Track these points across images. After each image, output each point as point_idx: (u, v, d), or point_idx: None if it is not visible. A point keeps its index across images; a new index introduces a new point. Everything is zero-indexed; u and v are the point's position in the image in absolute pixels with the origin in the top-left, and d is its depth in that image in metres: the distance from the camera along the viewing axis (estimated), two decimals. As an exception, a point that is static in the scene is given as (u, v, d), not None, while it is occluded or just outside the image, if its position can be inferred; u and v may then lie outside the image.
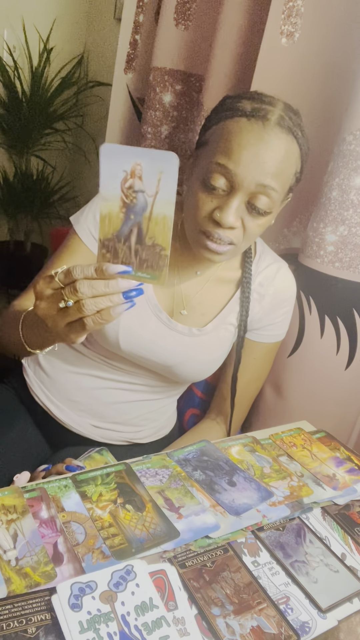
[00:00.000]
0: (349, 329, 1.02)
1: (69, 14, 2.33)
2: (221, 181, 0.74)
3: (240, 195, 0.74)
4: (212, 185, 0.74)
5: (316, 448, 0.87)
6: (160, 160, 0.53)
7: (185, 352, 0.92)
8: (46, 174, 2.47)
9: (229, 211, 0.74)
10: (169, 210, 0.55)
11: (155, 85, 1.29)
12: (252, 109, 0.74)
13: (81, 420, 0.99)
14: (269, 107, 0.74)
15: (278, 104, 0.75)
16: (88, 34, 2.38)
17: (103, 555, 0.59)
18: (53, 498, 0.67)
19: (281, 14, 0.99)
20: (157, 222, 0.55)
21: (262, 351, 0.99)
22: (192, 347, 0.92)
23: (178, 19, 1.23)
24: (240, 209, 0.76)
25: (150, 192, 0.54)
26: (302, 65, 1.01)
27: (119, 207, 0.55)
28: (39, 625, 0.51)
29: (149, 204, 0.54)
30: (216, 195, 0.75)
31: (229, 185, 0.74)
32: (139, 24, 1.38)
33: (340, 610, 0.59)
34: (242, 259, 0.94)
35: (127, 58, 1.42)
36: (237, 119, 0.74)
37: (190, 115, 1.29)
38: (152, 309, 0.91)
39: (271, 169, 0.73)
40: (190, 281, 0.92)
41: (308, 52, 1.00)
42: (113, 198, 0.54)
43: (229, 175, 0.73)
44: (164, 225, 0.55)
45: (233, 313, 0.94)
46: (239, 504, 0.70)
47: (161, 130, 1.33)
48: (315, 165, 1.01)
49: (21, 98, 2.24)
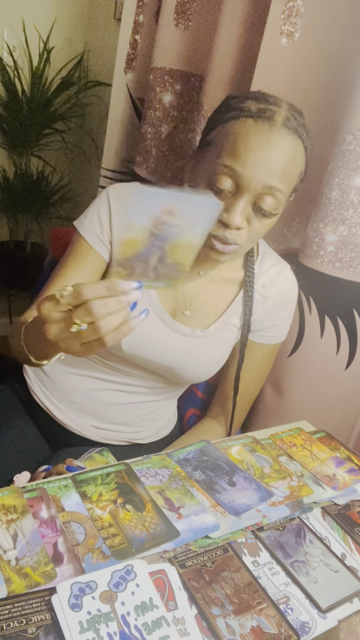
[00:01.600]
0: (349, 329, 1.02)
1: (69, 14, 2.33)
2: (227, 183, 0.74)
3: (247, 196, 0.74)
4: (218, 187, 0.74)
5: (316, 448, 0.87)
6: (201, 206, 0.50)
7: (188, 354, 0.91)
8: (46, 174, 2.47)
9: (235, 212, 0.75)
10: (198, 239, 0.52)
11: (155, 85, 1.29)
12: (258, 109, 0.73)
13: (81, 421, 0.99)
14: (274, 108, 0.73)
15: (283, 104, 0.75)
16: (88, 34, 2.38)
17: (103, 555, 0.59)
18: (53, 498, 0.67)
19: (281, 14, 0.99)
20: (182, 247, 0.53)
21: (263, 352, 0.99)
22: (196, 349, 0.92)
23: (178, 19, 1.23)
24: (246, 209, 0.76)
25: (183, 229, 0.51)
26: (302, 65, 1.01)
27: (144, 236, 0.52)
28: (39, 625, 0.51)
29: (177, 235, 0.52)
30: (222, 197, 0.75)
31: (235, 187, 0.74)
32: (139, 24, 1.38)
33: (340, 610, 0.59)
34: (245, 260, 0.93)
35: (127, 58, 1.42)
36: (243, 119, 0.73)
37: (190, 115, 1.29)
38: (155, 311, 0.90)
39: (278, 170, 0.73)
40: (193, 282, 0.92)
41: (308, 52, 1.00)
42: (140, 229, 0.51)
43: (236, 176, 0.73)
44: (190, 249, 0.54)
45: (236, 314, 0.94)
46: (239, 504, 0.70)
47: (161, 130, 1.33)
48: (316, 165, 1.01)
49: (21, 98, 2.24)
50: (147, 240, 0.52)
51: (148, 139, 1.34)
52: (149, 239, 0.52)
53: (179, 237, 0.52)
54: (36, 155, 2.39)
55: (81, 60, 2.37)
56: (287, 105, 0.75)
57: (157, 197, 0.49)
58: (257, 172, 0.72)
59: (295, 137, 0.74)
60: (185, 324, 0.92)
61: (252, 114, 0.73)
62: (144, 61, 1.40)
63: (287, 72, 1.02)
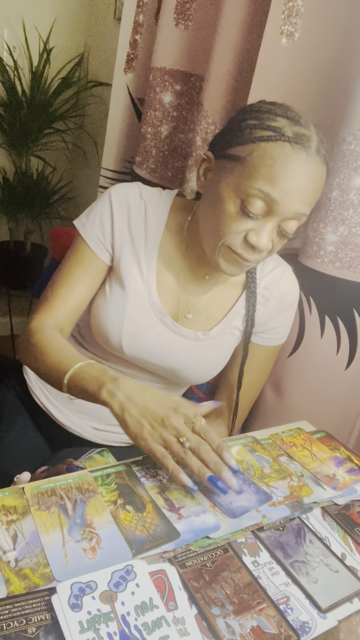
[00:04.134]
0: (349, 329, 1.02)
1: (69, 14, 2.33)
2: (259, 206, 0.73)
3: (276, 220, 0.75)
4: (250, 211, 0.74)
5: (316, 448, 0.87)
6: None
7: (190, 357, 0.91)
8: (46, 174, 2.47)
9: (265, 235, 0.75)
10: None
11: (155, 85, 1.29)
12: (294, 134, 0.72)
13: (81, 422, 0.99)
14: (308, 133, 0.73)
15: (312, 128, 0.74)
16: (88, 34, 2.38)
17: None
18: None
19: (281, 14, 0.99)
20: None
21: (264, 354, 0.99)
22: (198, 352, 0.92)
23: (178, 19, 1.23)
24: (273, 232, 0.76)
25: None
26: (302, 65, 1.01)
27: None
28: (39, 625, 0.51)
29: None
30: (251, 218, 0.75)
31: (267, 210, 0.74)
32: (139, 24, 1.38)
33: (340, 610, 0.59)
34: None
35: (127, 58, 1.42)
36: (281, 144, 0.72)
37: (190, 115, 1.29)
38: (157, 314, 0.90)
39: (309, 198, 0.74)
40: (196, 285, 0.92)
41: (308, 52, 1.00)
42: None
43: (270, 202, 0.73)
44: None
45: (238, 316, 0.94)
46: (237, 506, 0.70)
47: (161, 130, 1.33)
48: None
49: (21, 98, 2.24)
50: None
51: (148, 139, 1.34)
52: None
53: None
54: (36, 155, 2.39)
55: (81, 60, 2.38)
56: (315, 129, 0.75)
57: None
58: (292, 199, 0.72)
59: (324, 163, 0.75)
60: (188, 327, 0.91)
61: (289, 139, 0.72)
62: (144, 61, 1.40)
63: (287, 72, 1.02)
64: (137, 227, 0.88)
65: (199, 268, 0.90)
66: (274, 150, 0.72)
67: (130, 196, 0.88)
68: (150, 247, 0.89)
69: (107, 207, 0.88)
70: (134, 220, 0.88)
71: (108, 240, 0.89)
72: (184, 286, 0.91)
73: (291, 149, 0.71)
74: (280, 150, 0.71)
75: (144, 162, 1.37)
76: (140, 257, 0.89)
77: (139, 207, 0.88)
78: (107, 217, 0.88)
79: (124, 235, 0.88)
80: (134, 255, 0.89)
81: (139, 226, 0.88)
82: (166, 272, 0.90)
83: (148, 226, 0.89)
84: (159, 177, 1.37)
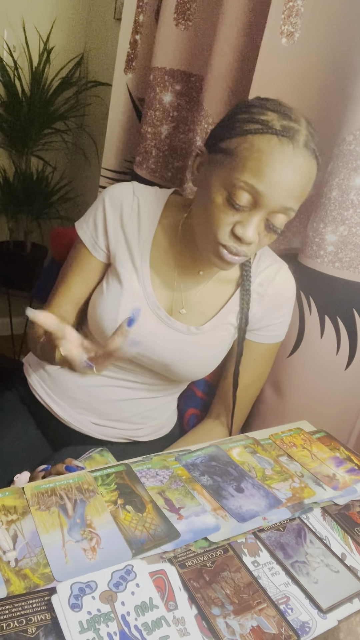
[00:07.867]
0: (349, 329, 1.02)
1: (69, 14, 2.32)
2: (245, 199, 0.74)
3: (262, 213, 0.75)
4: (236, 203, 0.74)
5: (316, 448, 0.87)
6: None
7: (183, 351, 0.92)
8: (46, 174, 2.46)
9: (251, 228, 0.75)
10: None
11: (155, 85, 1.29)
12: (282, 127, 0.72)
13: (81, 417, 0.99)
14: (296, 126, 0.73)
15: (302, 121, 0.75)
16: (88, 34, 2.38)
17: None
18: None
19: (281, 14, 0.98)
20: None
21: (262, 352, 0.99)
22: (190, 346, 0.92)
23: (178, 19, 1.23)
24: (260, 225, 0.77)
25: None
26: (302, 65, 1.01)
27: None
28: (39, 625, 0.51)
29: None
30: (238, 210, 0.75)
31: (253, 203, 0.74)
32: (139, 24, 1.38)
33: (341, 611, 0.59)
34: None
35: (127, 58, 1.42)
36: (268, 136, 0.72)
37: (190, 115, 1.29)
38: (151, 307, 0.91)
39: (296, 192, 0.74)
40: (190, 280, 0.93)
41: (308, 52, 1.00)
42: None
43: (256, 194, 0.73)
44: None
45: (232, 313, 0.94)
46: (246, 510, 0.70)
47: (161, 130, 1.33)
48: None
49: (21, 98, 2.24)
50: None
51: (148, 139, 1.34)
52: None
53: None
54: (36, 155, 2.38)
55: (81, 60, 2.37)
56: (305, 123, 0.75)
57: None
58: (277, 192, 0.73)
59: (313, 157, 0.75)
60: (181, 321, 0.92)
61: (276, 132, 0.72)
62: (144, 61, 1.40)
63: (287, 72, 1.02)
64: (130, 223, 0.91)
65: (193, 264, 0.91)
66: (261, 143, 0.72)
67: (123, 194, 0.91)
68: (143, 242, 0.91)
69: (101, 208, 0.91)
70: (126, 217, 0.91)
71: (102, 240, 0.92)
72: (178, 281, 0.92)
73: (278, 142, 0.72)
74: (267, 142, 0.72)
75: (144, 162, 1.37)
76: (134, 252, 0.91)
77: (132, 204, 0.91)
78: (100, 218, 0.91)
79: (117, 233, 0.91)
80: (128, 250, 0.91)
81: (132, 222, 0.91)
82: (160, 267, 0.92)
83: (141, 222, 0.91)
84: (159, 177, 1.37)
